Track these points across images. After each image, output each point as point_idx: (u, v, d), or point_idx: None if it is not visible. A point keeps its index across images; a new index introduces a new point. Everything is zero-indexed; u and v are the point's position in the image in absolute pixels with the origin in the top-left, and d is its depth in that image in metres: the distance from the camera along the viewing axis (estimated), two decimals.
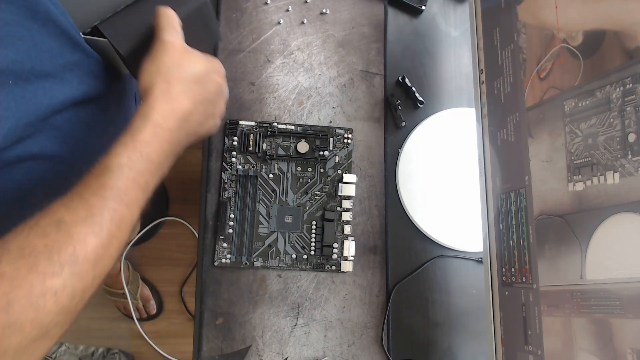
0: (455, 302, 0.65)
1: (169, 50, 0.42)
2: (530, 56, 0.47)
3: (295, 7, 0.70)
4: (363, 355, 0.63)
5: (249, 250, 0.63)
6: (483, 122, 0.56)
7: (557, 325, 0.41)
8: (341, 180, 0.65)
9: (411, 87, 0.69)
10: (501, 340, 0.50)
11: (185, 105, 0.42)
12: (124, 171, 0.36)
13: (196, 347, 0.61)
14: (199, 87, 0.43)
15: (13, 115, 0.36)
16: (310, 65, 0.69)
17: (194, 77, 0.43)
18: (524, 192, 0.47)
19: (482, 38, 0.57)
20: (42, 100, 0.39)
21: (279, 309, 0.63)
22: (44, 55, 0.39)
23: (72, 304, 0.33)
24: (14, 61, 0.36)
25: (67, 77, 0.42)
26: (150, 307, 1.24)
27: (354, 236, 0.65)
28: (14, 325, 0.29)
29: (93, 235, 0.33)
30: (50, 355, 1.22)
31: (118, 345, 1.25)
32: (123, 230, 0.36)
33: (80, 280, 0.33)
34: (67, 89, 0.42)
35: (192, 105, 0.42)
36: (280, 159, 0.65)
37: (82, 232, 0.33)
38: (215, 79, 0.46)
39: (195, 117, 0.43)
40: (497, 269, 0.52)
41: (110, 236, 0.35)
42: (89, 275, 0.34)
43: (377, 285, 0.64)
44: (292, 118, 0.68)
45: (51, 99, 0.40)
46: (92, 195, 0.34)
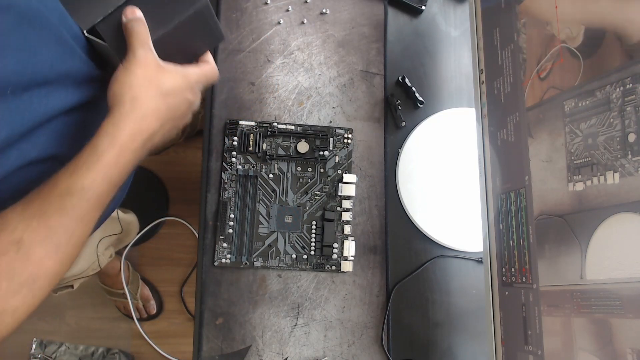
0: (455, 302, 0.65)
1: (142, 65, 0.41)
2: (530, 56, 0.47)
3: (295, 7, 0.70)
4: (363, 355, 0.63)
5: (249, 250, 0.63)
6: (483, 122, 0.56)
7: (557, 325, 0.41)
8: (341, 180, 0.65)
9: (411, 87, 0.69)
10: (501, 340, 0.50)
11: (153, 126, 0.42)
12: (86, 194, 0.37)
13: (196, 347, 0.61)
14: (168, 105, 0.43)
15: (8, 124, 0.36)
16: (310, 65, 0.69)
17: (164, 96, 0.42)
18: (524, 192, 0.47)
19: (482, 38, 0.57)
20: (38, 107, 0.39)
21: (279, 309, 0.63)
22: (43, 63, 0.39)
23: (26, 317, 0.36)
24: (14, 71, 0.36)
25: (64, 83, 0.42)
26: (150, 307, 1.24)
27: (354, 236, 0.65)
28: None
29: (49, 257, 0.35)
30: (50, 355, 1.22)
31: (118, 345, 1.25)
32: (78, 247, 0.38)
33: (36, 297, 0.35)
34: (64, 95, 0.42)
35: (159, 125, 0.42)
36: (280, 159, 0.65)
37: (40, 254, 0.35)
38: (187, 96, 0.45)
39: (160, 135, 0.43)
40: (497, 269, 0.52)
41: (66, 255, 0.37)
42: (45, 292, 0.36)
43: (377, 285, 0.64)
44: (292, 118, 0.68)
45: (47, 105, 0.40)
46: (52, 217, 0.35)
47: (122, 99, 0.40)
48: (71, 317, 1.25)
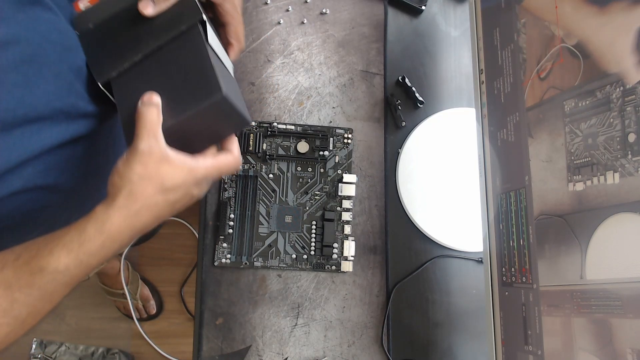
0: (455, 302, 0.65)
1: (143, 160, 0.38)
2: (530, 56, 0.47)
3: (295, 7, 0.71)
4: (363, 355, 0.63)
5: (249, 250, 0.63)
6: (483, 122, 0.56)
7: (557, 325, 0.41)
8: (341, 180, 0.65)
9: (411, 87, 0.69)
10: (501, 340, 0.50)
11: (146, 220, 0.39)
12: (58, 276, 0.37)
13: (196, 347, 0.61)
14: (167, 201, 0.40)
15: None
16: (310, 65, 0.69)
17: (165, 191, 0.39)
18: (524, 192, 0.47)
19: (482, 38, 0.57)
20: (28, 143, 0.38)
21: (279, 309, 0.63)
22: (38, 100, 0.38)
23: None
24: (6, 109, 0.35)
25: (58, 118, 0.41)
26: (150, 307, 1.24)
27: (354, 236, 0.65)
28: None
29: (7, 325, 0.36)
30: (50, 355, 1.22)
31: (118, 345, 1.25)
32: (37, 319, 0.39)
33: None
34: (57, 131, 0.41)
35: (153, 219, 0.40)
36: (280, 159, 0.65)
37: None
38: (191, 191, 0.42)
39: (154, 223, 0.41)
40: (497, 269, 0.52)
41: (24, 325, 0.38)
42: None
43: (377, 285, 0.64)
44: (292, 118, 0.68)
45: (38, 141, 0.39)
46: (19, 291, 0.36)
47: (118, 192, 0.38)
48: (71, 317, 1.25)
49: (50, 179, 0.42)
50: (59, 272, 0.36)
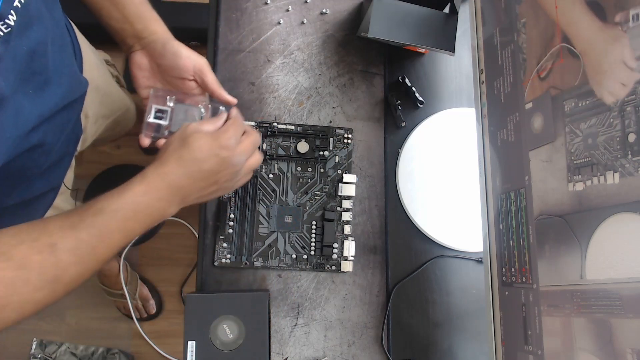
0: (455, 302, 0.65)
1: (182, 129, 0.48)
2: (530, 56, 0.47)
3: (295, 7, 0.70)
4: (363, 355, 0.63)
5: (249, 250, 0.63)
6: (483, 122, 0.56)
7: (557, 325, 0.41)
8: (341, 180, 0.65)
9: (411, 87, 0.69)
10: (501, 340, 0.50)
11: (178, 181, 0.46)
12: (114, 216, 0.42)
13: None
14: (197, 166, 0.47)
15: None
16: (310, 65, 0.69)
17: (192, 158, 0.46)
18: (524, 192, 0.47)
19: (482, 38, 0.57)
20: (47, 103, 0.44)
21: (279, 309, 0.63)
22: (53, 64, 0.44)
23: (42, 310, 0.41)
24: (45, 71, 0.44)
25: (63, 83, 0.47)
26: (150, 307, 1.24)
27: (354, 236, 0.65)
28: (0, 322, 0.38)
29: (74, 264, 0.41)
30: (50, 355, 1.22)
31: (118, 345, 1.25)
32: (97, 264, 0.43)
33: (55, 296, 0.41)
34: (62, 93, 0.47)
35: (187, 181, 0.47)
36: (280, 159, 0.65)
37: (67, 260, 0.40)
38: (217, 153, 0.48)
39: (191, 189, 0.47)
40: (497, 269, 0.52)
41: (86, 268, 0.42)
42: (62, 293, 0.41)
43: (377, 285, 0.64)
44: (292, 118, 0.68)
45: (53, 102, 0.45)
46: (83, 231, 0.41)
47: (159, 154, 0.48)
48: (71, 317, 1.25)
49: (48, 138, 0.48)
50: (114, 211, 0.42)
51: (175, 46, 0.53)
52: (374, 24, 0.61)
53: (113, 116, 0.82)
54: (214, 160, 0.47)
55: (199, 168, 0.47)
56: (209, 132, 0.48)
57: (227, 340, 0.54)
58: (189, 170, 0.46)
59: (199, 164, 0.47)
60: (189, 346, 0.53)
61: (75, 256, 0.41)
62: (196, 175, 0.47)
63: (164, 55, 0.53)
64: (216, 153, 0.47)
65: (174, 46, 0.53)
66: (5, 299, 0.37)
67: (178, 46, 0.54)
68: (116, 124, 0.86)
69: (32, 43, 0.40)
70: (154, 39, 0.54)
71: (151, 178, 0.45)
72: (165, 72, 0.55)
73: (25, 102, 0.41)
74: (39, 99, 0.43)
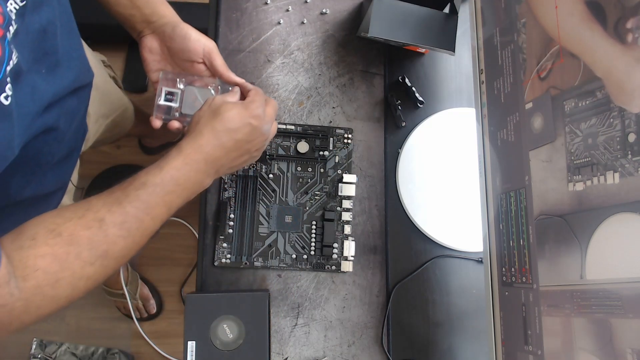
0: (455, 302, 0.65)
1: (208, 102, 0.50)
2: (530, 56, 0.47)
3: (295, 7, 0.70)
4: (363, 355, 0.63)
5: (249, 250, 0.63)
6: (483, 122, 0.56)
7: (557, 325, 0.41)
8: (341, 180, 0.65)
9: (411, 87, 0.69)
10: (501, 340, 0.50)
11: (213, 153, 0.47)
12: (156, 189, 0.43)
13: None
14: (230, 136, 0.48)
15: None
16: (310, 65, 0.69)
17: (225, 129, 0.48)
18: (524, 192, 0.47)
19: (482, 38, 0.57)
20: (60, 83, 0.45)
21: (279, 309, 0.63)
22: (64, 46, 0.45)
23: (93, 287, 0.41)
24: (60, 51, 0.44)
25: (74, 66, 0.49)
26: (150, 307, 1.24)
27: (354, 236, 0.65)
28: (55, 298, 0.38)
29: (122, 238, 0.41)
30: (50, 355, 1.22)
31: (118, 345, 1.24)
32: (144, 238, 0.44)
33: (105, 271, 0.41)
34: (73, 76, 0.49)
35: (222, 152, 0.48)
36: (280, 159, 0.65)
37: (115, 234, 0.41)
38: (249, 122, 0.49)
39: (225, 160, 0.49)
40: (497, 269, 0.52)
41: (134, 242, 0.43)
42: (111, 269, 0.42)
43: (377, 285, 0.64)
44: (292, 118, 0.68)
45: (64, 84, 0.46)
46: (129, 204, 0.42)
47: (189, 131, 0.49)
48: (71, 317, 1.25)
49: (60, 122, 0.48)
50: (156, 184, 0.43)
51: (184, 29, 0.55)
52: (374, 23, 0.61)
53: (112, 116, 0.83)
54: (246, 129, 0.49)
55: (232, 138, 0.48)
56: (237, 102, 0.50)
57: (227, 340, 0.54)
58: (223, 140, 0.48)
59: (232, 133, 0.48)
60: (189, 346, 0.53)
61: (123, 230, 0.41)
62: (230, 145, 0.48)
63: (173, 39, 0.55)
64: (248, 122, 0.49)
65: (183, 29, 0.54)
66: (58, 274, 0.37)
67: (187, 29, 0.55)
68: (115, 124, 0.86)
69: (43, 21, 0.40)
70: (163, 23, 0.55)
71: (188, 151, 0.46)
72: (175, 55, 0.56)
73: (39, 80, 0.42)
74: (52, 79, 0.44)
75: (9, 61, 0.34)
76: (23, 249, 0.37)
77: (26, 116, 0.40)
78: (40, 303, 0.38)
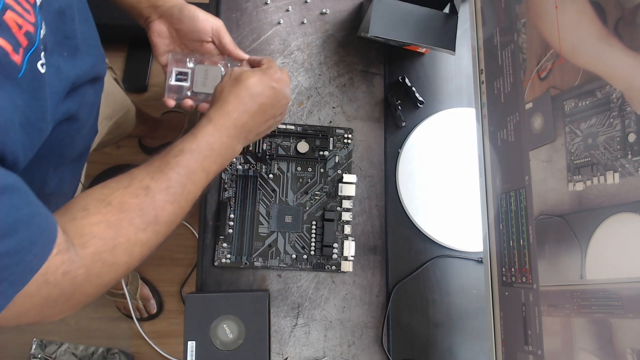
0: (455, 302, 0.65)
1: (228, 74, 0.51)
2: (530, 56, 0.47)
3: (295, 7, 0.70)
4: (363, 355, 0.63)
5: (249, 250, 0.63)
6: (483, 122, 0.56)
7: (557, 325, 0.41)
8: (341, 180, 0.65)
9: (411, 87, 0.69)
10: (501, 340, 0.50)
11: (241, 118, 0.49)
12: (194, 155, 0.45)
13: None
14: (254, 101, 0.49)
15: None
16: (310, 65, 0.69)
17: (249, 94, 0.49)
18: (524, 192, 0.47)
19: (482, 38, 0.57)
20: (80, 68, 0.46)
21: (279, 309, 0.63)
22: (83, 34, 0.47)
23: (147, 255, 0.42)
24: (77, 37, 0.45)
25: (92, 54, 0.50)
26: (151, 307, 1.24)
27: (354, 236, 0.65)
28: (114, 265, 0.39)
29: (169, 203, 0.42)
30: (50, 355, 1.22)
31: (118, 345, 1.24)
32: (189, 203, 0.45)
33: (156, 237, 0.42)
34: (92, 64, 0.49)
35: (248, 117, 0.49)
36: (280, 159, 0.65)
37: (162, 200, 0.42)
38: (271, 85, 0.51)
39: (252, 124, 0.50)
40: (497, 269, 0.52)
41: (180, 206, 0.44)
42: (162, 234, 0.43)
43: (377, 285, 0.64)
44: (292, 118, 0.68)
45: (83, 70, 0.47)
46: (171, 171, 0.43)
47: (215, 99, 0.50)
48: (71, 317, 1.25)
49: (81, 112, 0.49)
50: (193, 150, 0.45)
51: (192, 10, 0.56)
52: (374, 23, 0.61)
53: (115, 117, 0.83)
54: (269, 92, 0.50)
55: (256, 102, 0.49)
56: (256, 69, 0.51)
57: (227, 340, 0.54)
58: (248, 106, 0.49)
59: (256, 98, 0.49)
60: (189, 346, 0.53)
61: (169, 195, 0.42)
62: (255, 110, 0.50)
63: (181, 20, 0.56)
64: (271, 86, 0.50)
65: (190, 10, 0.56)
66: (115, 240, 0.38)
67: (194, 10, 0.56)
68: (117, 126, 0.86)
69: (62, 2, 0.41)
70: (170, 6, 0.56)
71: (217, 118, 0.48)
72: (184, 37, 0.58)
73: (62, 62, 0.42)
74: (72, 62, 0.45)
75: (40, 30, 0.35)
76: (76, 219, 0.38)
77: (54, 95, 0.41)
78: (101, 270, 0.38)
